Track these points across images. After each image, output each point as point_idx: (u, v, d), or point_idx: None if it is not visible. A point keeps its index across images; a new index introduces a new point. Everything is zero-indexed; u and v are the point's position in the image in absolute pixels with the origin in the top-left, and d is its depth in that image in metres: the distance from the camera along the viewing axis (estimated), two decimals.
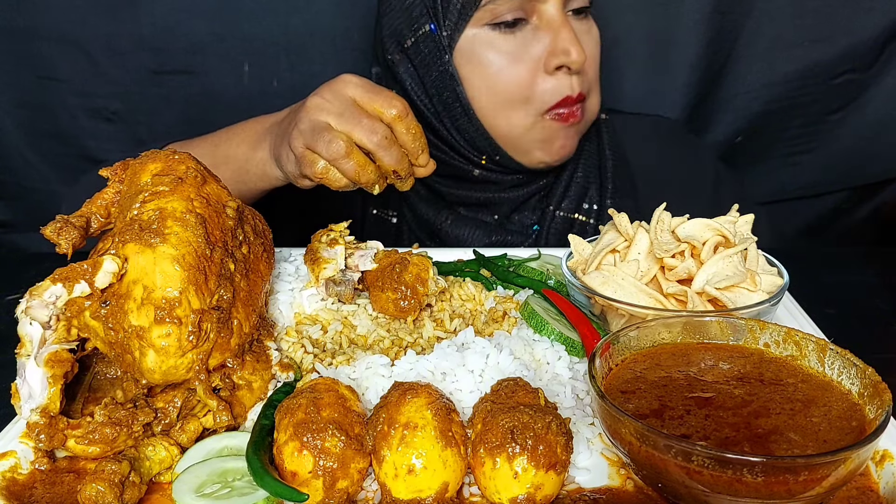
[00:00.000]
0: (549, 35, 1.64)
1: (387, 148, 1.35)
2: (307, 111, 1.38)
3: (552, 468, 0.89)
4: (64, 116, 2.57)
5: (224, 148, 1.63)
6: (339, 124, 1.35)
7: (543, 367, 1.16)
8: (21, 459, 0.99)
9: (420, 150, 1.41)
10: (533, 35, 1.66)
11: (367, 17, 2.50)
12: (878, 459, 0.96)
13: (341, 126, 1.35)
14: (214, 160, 1.58)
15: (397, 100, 1.38)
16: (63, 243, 1.04)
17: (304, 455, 0.89)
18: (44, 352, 0.98)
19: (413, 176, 1.44)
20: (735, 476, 0.81)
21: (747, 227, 1.29)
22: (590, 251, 1.33)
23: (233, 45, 2.49)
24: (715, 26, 2.47)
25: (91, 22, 2.44)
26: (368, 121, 1.35)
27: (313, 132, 1.35)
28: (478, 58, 1.69)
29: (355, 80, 1.40)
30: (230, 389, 1.06)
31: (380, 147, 1.35)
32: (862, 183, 2.73)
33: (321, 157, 1.35)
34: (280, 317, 1.28)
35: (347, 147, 1.33)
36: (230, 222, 1.10)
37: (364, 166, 1.35)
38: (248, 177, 1.60)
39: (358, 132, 1.34)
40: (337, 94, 1.38)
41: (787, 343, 1.06)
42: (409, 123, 1.38)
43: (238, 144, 1.61)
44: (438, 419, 0.92)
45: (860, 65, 2.50)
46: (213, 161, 1.55)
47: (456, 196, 1.90)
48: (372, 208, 2.00)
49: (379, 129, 1.35)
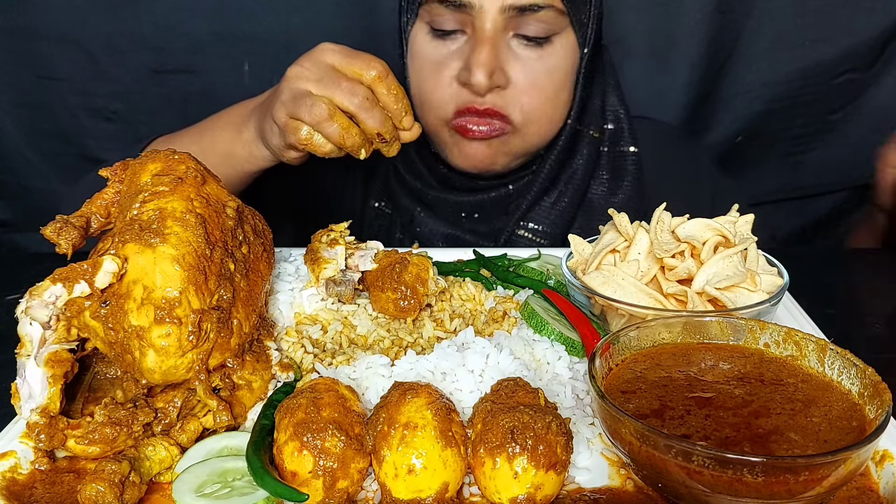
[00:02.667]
0: (470, 51, 1.64)
1: (369, 109, 1.36)
2: (287, 81, 1.40)
3: (552, 468, 0.89)
4: (64, 116, 2.57)
5: (209, 135, 1.65)
6: (319, 89, 1.36)
7: (543, 367, 1.16)
8: (21, 459, 0.99)
9: (403, 111, 1.41)
10: (461, 48, 1.67)
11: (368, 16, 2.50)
12: (878, 459, 0.96)
13: (321, 91, 1.36)
14: (201, 147, 1.59)
15: (376, 61, 1.39)
16: (63, 243, 1.04)
17: (304, 455, 0.89)
18: (44, 352, 0.98)
19: (399, 140, 1.44)
20: (735, 476, 0.81)
21: (747, 227, 1.29)
22: (590, 251, 1.33)
23: (233, 44, 2.49)
24: (716, 26, 2.47)
25: (91, 21, 2.44)
26: (348, 83, 1.36)
27: (294, 100, 1.37)
28: (413, 55, 1.75)
29: (333, 47, 1.41)
30: (230, 389, 1.06)
31: (361, 108, 1.36)
32: (862, 183, 2.72)
33: (304, 122, 1.37)
34: (280, 317, 1.28)
35: (329, 109, 1.34)
36: (230, 222, 1.10)
37: (348, 129, 1.36)
38: (235, 160, 1.61)
39: (339, 95, 1.35)
40: (315, 61, 1.40)
41: (787, 343, 1.06)
42: (390, 84, 1.39)
43: (223, 129, 1.63)
44: (438, 419, 0.92)
45: (861, 64, 2.50)
46: (200, 149, 1.56)
47: (424, 191, 1.91)
48: (373, 201, 2.01)
49: (359, 90, 1.36)
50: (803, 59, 2.50)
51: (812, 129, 2.63)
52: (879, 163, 2.01)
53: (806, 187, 2.73)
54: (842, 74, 2.52)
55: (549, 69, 1.69)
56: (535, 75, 1.68)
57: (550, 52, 1.69)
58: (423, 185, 1.91)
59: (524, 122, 1.71)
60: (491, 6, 1.59)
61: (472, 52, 1.62)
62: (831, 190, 2.75)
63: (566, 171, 1.87)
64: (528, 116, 1.71)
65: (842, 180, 2.71)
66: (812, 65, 2.50)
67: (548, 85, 1.71)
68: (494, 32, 1.62)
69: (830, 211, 2.79)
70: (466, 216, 1.90)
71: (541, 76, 1.69)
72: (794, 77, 2.53)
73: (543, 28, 1.64)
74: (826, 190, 2.74)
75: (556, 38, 1.68)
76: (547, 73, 1.70)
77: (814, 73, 2.51)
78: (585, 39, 1.73)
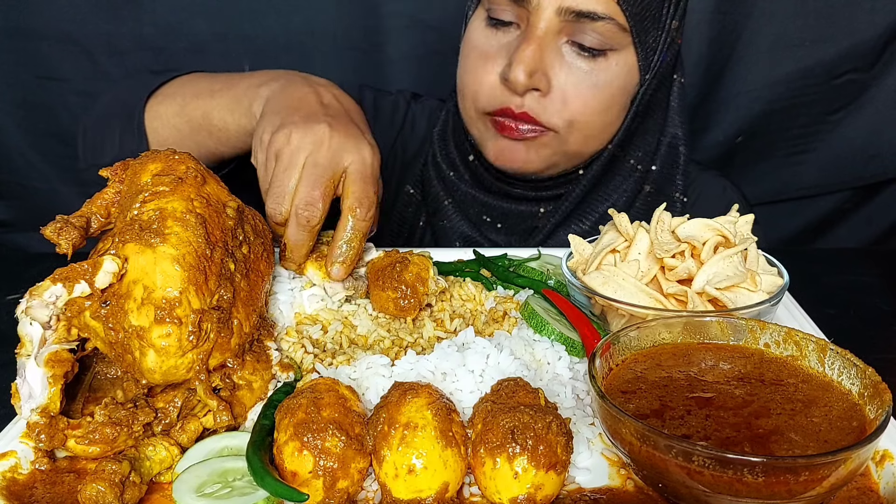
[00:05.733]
0: (517, 46, 1.59)
1: (305, 228, 1.27)
2: (288, 145, 1.30)
3: (552, 468, 0.89)
4: (64, 116, 2.57)
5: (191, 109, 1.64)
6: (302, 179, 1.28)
7: (544, 367, 1.16)
8: (21, 459, 0.99)
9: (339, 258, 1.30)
10: (512, 42, 1.62)
11: (368, 16, 2.51)
12: (878, 459, 0.96)
13: (303, 182, 1.27)
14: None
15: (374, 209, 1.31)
16: (63, 243, 1.04)
17: (305, 455, 0.89)
18: (44, 352, 0.98)
19: (298, 267, 1.35)
20: (736, 476, 0.81)
21: (747, 227, 1.29)
22: (590, 251, 1.33)
23: (233, 44, 2.49)
24: (716, 26, 2.48)
25: (92, 21, 2.44)
26: (316, 195, 1.26)
27: (275, 176, 1.29)
28: (466, 41, 1.72)
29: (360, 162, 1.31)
30: (230, 389, 1.06)
31: (303, 226, 1.27)
32: (862, 183, 2.73)
33: (268, 185, 1.31)
34: (280, 317, 1.28)
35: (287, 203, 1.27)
36: (230, 222, 1.10)
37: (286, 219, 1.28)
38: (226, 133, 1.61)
39: (301, 193, 1.26)
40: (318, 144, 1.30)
41: (787, 343, 1.06)
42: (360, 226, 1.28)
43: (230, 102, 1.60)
44: (439, 419, 0.92)
45: (861, 65, 2.51)
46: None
47: (455, 183, 1.87)
48: (409, 187, 1.97)
49: (317, 212, 1.27)
50: (803, 60, 2.50)
51: (812, 129, 2.63)
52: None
53: (806, 187, 2.74)
54: (842, 74, 2.52)
55: (597, 84, 1.61)
56: (581, 86, 1.60)
57: (604, 66, 1.60)
58: (457, 176, 1.86)
59: (567, 128, 1.64)
60: (549, 4, 1.54)
61: (518, 48, 1.57)
62: (831, 190, 2.75)
63: (596, 196, 1.80)
64: (570, 124, 1.63)
65: (842, 180, 2.72)
66: (812, 65, 2.51)
67: (591, 99, 1.62)
68: (547, 33, 1.56)
69: (830, 211, 2.79)
70: (490, 221, 1.86)
71: (586, 88, 1.61)
72: (794, 77, 2.53)
73: (599, 40, 1.56)
74: (826, 190, 2.75)
75: (612, 53, 1.59)
76: (594, 87, 1.61)
77: (814, 74, 2.52)
78: (649, 65, 1.65)
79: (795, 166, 2.69)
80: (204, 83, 1.67)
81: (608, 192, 1.81)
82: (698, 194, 1.88)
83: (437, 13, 2.45)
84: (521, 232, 1.86)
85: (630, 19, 1.56)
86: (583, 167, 1.78)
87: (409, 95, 2.08)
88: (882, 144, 2.62)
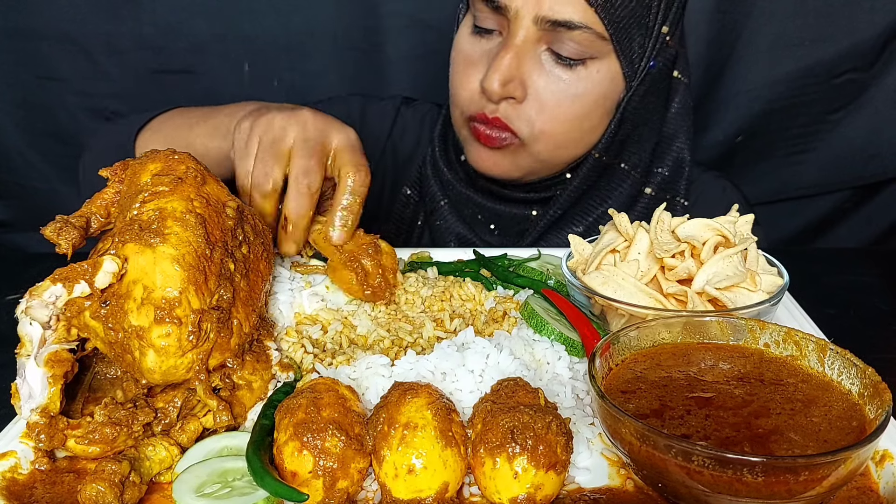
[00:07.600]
0: (495, 55, 1.60)
1: (304, 195, 1.30)
2: (269, 130, 1.33)
3: (552, 468, 0.89)
4: (64, 116, 2.57)
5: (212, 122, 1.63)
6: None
7: (543, 367, 1.16)
8: (21, 459, 0.99)
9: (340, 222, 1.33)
10: (492, 49, 1.63)
11: (368, 16, 2.51)
12: (878, 459, 0.96)
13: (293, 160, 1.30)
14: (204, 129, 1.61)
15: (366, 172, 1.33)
16: (63, 243, 1.04)
17: (304, 455, 0.89)
18: (44, 352, 0.98)
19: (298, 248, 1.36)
20: (735, 476, 0.81)
21: (747, 227, 1.29)
22: (590, 251, 1.33)
23: (233, 44, 2.49)
24: (716, 26, 2.48)
25: (91, 21, 2.44)
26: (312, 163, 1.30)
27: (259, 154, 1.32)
28: (454, 46, 1.74)
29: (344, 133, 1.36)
30: (230, 389, 1.06)
31: (301, 191, 1.29)
32: (862, 183, 2.73)
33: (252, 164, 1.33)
34: (280, 317, 1.28)
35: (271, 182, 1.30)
36: (230, 222, 1.10)
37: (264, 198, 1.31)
38: None
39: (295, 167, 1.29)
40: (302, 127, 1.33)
41: (787, 343, 1.06)
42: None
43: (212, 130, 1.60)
44: (438, 419, 0.92)
45: (861, 64, 2.51)
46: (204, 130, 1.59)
47: (452, 182, 1.88)
48: (406, 188, 1.99)
49: (315, 179, 1.30)
50: (803, 59, 2.50)
51: (812, 129, 2.63)
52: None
53: (806, 187, 2.74)
54: (842, 74, 2.52)
55: (576, 92, 1.60)
56: (558, 95, 1.60)
57: (583, 75, 1.59)
58: (453, 175, 1.87)
59: (531, 138, 1.64)
60: (526, 14, 1.54)
61: (496, 56, 1.59)
62: (831, 190, 2.75)
63: (588, 200, 1.80)
64: (536, 134, 1.64)
65: (841, 180, 2.72)
66: (812, 65, 2.51)
67: (568, 108, 1.62)
68: (525, 41, 1.56)
69: (830, 211, 2.79)
70: (483, 221, 1.87)
71: (563, 97, 1.60)
72: (794, 77, 2.53)
73: (577, 49, 1.56)
74: (826, 190, 2.75)
75: (592, 62, 1.58)
76: (572, 96, 1.61)
77: (814, 73, 2.52)
78: (636, 72, 1.63)
79: (795, 166, 2.69)
80: (182, 118, 1.71)
81: (601, 197, 1.81)
82: (698, 195, 1.88)
83: (437, 13, 2.45)
84: (513, 234, 1.87)
85: (609, 27, 1.54)
86: (569, 171, 1.78)
87: (400, 101, 2.10)
88: (882, 144, 2.62)
